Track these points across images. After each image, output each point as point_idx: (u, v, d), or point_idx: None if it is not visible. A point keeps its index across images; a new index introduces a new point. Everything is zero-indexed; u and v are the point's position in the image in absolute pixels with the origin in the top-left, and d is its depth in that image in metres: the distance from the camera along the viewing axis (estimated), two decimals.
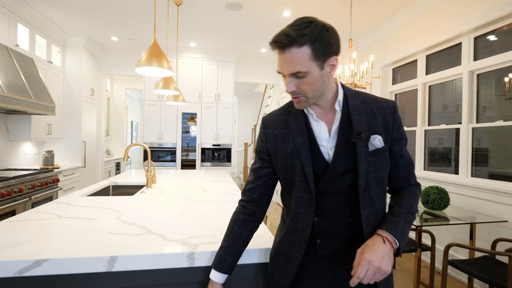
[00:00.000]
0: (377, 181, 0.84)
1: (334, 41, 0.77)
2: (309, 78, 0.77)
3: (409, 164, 0.90)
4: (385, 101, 0.89)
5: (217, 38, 4.43)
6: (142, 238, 1.16)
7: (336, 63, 0.80)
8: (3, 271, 0.92)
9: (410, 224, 0.83)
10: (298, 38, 0.73)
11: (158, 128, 4.88)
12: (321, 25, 0.75)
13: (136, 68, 1.73)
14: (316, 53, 0.75)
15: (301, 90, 0.80)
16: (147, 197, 1.97)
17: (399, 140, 0.87)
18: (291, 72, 0.78)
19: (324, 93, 0.84)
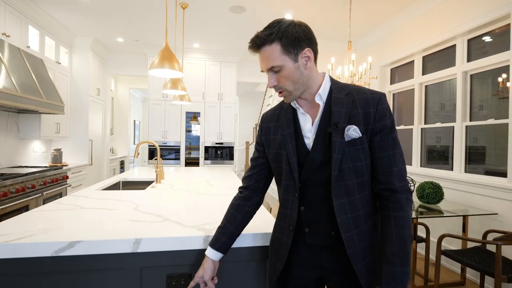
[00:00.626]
0: (354, 171, 0.86)
1: (304, 35, 0.85)
2: (285, 71, 0.86)
3: (391, 160, 0.86)
4: (372, 92, 0.89)
5: (220, 39, 4.56)
6: (161, 225, 1.28)
7: (310, 54, 0.87)
8: (42, 251, 1.05)
9: (407, 260, 0.80)
10: (266, 37, 0.85)
11: (163, 127, 5.00)
12: (287, 23, 0.86)
13: (149, 70, 1.86)
14: (285, 47, 0.84)
15: (281, 84, 0.88)
16: (158, 191, 2.09)
17: (381, 132, 0.86)
18: (267, 67, 0.88)
19: (308, 85, 0.90)
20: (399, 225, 0.83)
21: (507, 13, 2.34)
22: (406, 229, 0.82)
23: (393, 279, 0.79)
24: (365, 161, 0.88)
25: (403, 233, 0.82)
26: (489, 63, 2.58)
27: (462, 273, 2.49)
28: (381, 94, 0.89)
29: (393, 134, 0.87)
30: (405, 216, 0.84)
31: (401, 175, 0.86)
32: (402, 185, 0.86)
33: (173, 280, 1.15)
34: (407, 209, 0.84)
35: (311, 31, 0.89)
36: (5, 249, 1.03)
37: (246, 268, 1.21)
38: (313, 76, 0.90)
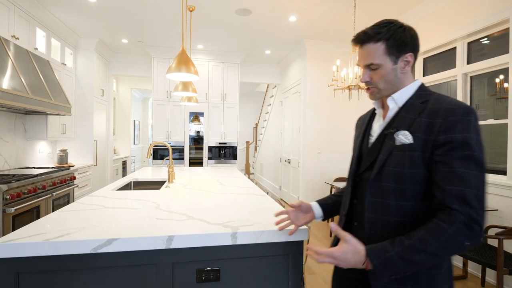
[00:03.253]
0: (394, 176, 0.85)
1: (410, 40, 0.88)
2: (382, 70, 0.89)
3: (453, 177, 0.75)
4: (451, 103, 0.82)
5: (224, 41, 4.62)
6: (188, 223, 1.35)
7: (411, 59, 0.90)
8: (82, 248, 1.11)
9: (408, 261, 0.74)
10: (374, 35, 0.88)
11: (167, 127, 5.05)
12: (398, 25, 0.89)
13: (167, 74, 1.92)
14: (389, 49, 0.88)
15: (373, 81, 0.92)
16: (173, 191, 2.16)
17: (444, 146, 0.78)
18: (366, 63, 0.91)
19: (397, 87, 0.92)
20: (433, 227, 0.74)
21: (506, 17, 2.44)
22: (434, 239, 0.73)
23: (381, 255, 0.76)
24: (409, 169, 0.83)
25: (429, 237, 0.73)
26: (488, 65, 2.69)
27: (464, 267, 2.59)
28: (459, 107, 0.80)
29: (466, 152, 0.76)
30: (446, 230, 0.72)
31: (463, 197, 0.73)
32: (458, 206, 0.73)
33: (203, 275, 1.22)
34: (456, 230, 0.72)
35: (418, 38, 0.91)
36: (47, 247, 1.09)
37: (269, 263, 1.29)
38: (405, 80, 0.92)
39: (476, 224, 0.71)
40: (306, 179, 4.71)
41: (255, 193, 2.10)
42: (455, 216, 0.73)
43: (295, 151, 5.15)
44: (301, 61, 4.87)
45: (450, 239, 0.72)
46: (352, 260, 0.78)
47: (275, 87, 6.69)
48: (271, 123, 7.02)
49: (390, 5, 3.33)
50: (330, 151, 4.77)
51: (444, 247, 0.73)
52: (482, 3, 2.67)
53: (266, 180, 7.49)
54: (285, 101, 5.85)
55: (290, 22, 3.84)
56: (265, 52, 5.18)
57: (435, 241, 0.72)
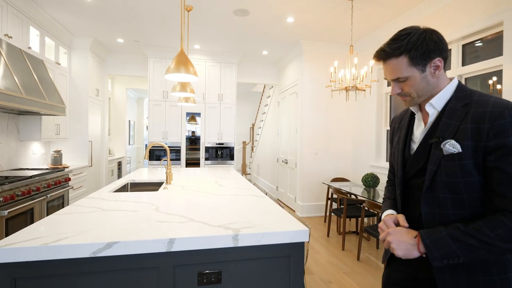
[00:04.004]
0: (448, 186, 0.84)
1: (434, 46, 0.85)
2: (411, 81, 0.88)
3: (510, 183, 0.75)
4: (496, 105, 0.79)
5: (221, 41, 4.60)
6: (188, 225, 1.34)
7: (440, 63, 0.87)
8: (81, 252, 1.09)
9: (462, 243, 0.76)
10: (394, 51, 0.87)
11: (163, 127, 5.01)
12: (418, 34, 0.86)
13: (166, 75, 1.90)
14: (413, 60, 0.86)
15: (405, 91, 0.91)
16: (172, 192, 2.14)
17: (497, 151, 0.77)
18: (392, 78, 0.91)
19: (431, 92, 0.90)
20: (490, 221, 0.76)
21: (500, 21, 2.47)
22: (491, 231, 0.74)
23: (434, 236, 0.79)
24: (463, 178, 0.81)
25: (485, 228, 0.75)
26: (483, 67, 2.72)
27: None
28: (506, 108, 0.78)
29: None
30: (506, 223, 0.73)
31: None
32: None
33: (204, 278, 1.21)
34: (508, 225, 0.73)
35: (443, 40, 0.88)
36: (45, 251, 1.07)
37: (271, 264, 1.28)
38: (439, 84, 0.90)
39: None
40: (303, 180, 4.72)
41: (254, 194, 2.10)
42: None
43: (292, 152, 5.16)
44: (298, 62, 4.88)
45: (508, 232, 0.73)
46: (405, 238, 0.84)
47: (272, 87, 6.69)
48: (268, 123, 7.02)
49: (387, 7, 3.36)
50: (327, 151, 4.79)
51: (500, 239, 0.73)
52: (477, 6, 2.70)
53: (262, 181, 7.49)
54: (282, 102, 5.85)
55: (287, 23, 3.84)
56: (262, 53, 5.18)
57: (491, 232, 0.74)
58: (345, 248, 3.31)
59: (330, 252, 3.21)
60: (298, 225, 1.36)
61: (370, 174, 3.47)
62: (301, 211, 4.72)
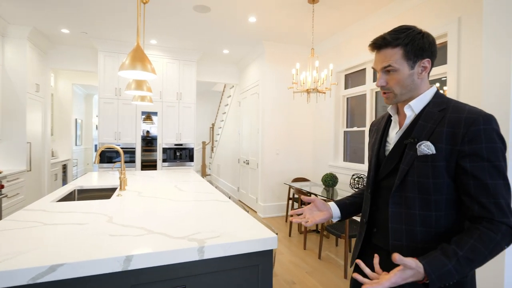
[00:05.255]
0: (418, 186, 0.86)
1: (429, 46, 0.89)
2: (398, 75, 0.90)
3: (488, 189, 0.77)
4: (471, 112, 0.82)
5: (180, 38, 4.40)
6: (147, 238, 1.22)
7: (428, 65, 0.90)
8: (16, 279, 0.93)
9: (462, 271, 0.74)
10: (393, 40, 0.89)
11: (115, 127, 4.65)
12: (416, 31, 0.89)
13: (119, 72, 1.73)
14: (407, 54, 0.88)
15: (389, 86, 0.93)
16: (127, 200, 1.97)
17: (471, 157, 0.79)
18: (383, 66, 0.91)
19: (412, 93, 0.93)
20: (483, 238, 0.75)
21: (444, 32, 2.71)
22: (487, 249, 0.74)
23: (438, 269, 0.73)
24: (434, 179, 0.84)
25: (481, 247, 0.74)
26: (431, 74, 2.96)
27: None
28: (480, 115, 0.81)
29: (494, 162, 0.78)
30: (495, 238, 0.75)
31: (503, 209, 0.76)
32: (506, 220, 0.76)
33: None
34: (501, 237, 0.75)
35: (435, 44, 0.91)
36: None
37: (238, 275, 1.22)
38: (422, 86, 0.93)
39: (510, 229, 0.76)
40: (265, 180, 4.73)
41: (218, 199, 2.02)
42: (497, 225, 0.76)
43: (254, 152, 5.15)
44: (260, 62, 4.88)
45: (496, 246, 0.75)
46: (413, 280, 0.76)
47: (233, 87, 6.62)
48: (229, 123, 6.93)
49: (346, 13, 3.49)
50: (288, 152, 4.86)
51: (491, 254, 0.75)
52: (425, 17, 2.93)
53: (223, 181, 7.38)
54: (243, 102, 5.81)
55: (249, 22, 3.80)
56: (223, 52, 5.08)
57: (486, 250, 0.75)
58: (306, 247, 3.38)
59: (292, 252, 3.25)
60: (266, 232, 1.32)
61: (329, 174, 3.58)
62: (263, 212, 4.72)
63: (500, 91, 1.78)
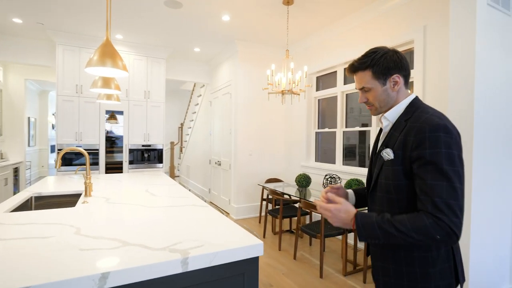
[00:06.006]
0: (384, 187, 1.01)
1: (394, 64, 1.01)
2: (374, 92, 1.04)
3: (427, 188, 0.87)
4: (424, 122, 0.92)
5: (149, 33, 4.19)
6: (124, 251, 1.12)
7: (398, 79, 1.02)
8: None
9: (384, 230, 0.89)
10: (360, 65, 1.04)
11: (76, 127, 4.31)
12: (381, 53, 1.02)
13: (86, 68, 1.58)
14: (376, 74, 1.02)
15: (370, 101, 1.07)
16: (94, 208, 1.81)
17: (417, 161, 0.91)
18: (359, 87, 1.08)
19: (391, 104, 1.06)
20: (413, 217, 0.87)
21: (411, 39, 2.86)
22: (411, 225, 0.86)
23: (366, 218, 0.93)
24: (394, 181, 0.98)
25: (407, 222, 0.87)
26: None
27: None
28: (428, 125, 0.90)
29: (437, 166, 0.87)
30: (423, 219, 0.85)
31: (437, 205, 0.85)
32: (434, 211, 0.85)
33: None
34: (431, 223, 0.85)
35: (403, 60, 1.02)
36: None
37: (223, 285, 1.17)
38: (398, 98, 1.05)
39: (445, 225, 0.84)
40: (238, 181, 4.68)
41: (195, 204, 1.93)
42: (429, 215, 0.86)
43: (226, 153, 5.07)
44: (232, 62, 4.81)
45: (423, 228, 0.85)
46: (343, 217, 0.97)
47: (204, 86, 6.47)
48: (199, 123, 6.77)
49: (319, 16, 3.55)
50: (261, 152, 4.85)
51: (415, 232, 0.86)
52: (393, 24, 3.08)
53: (193, 183, 7.19)
54: (214, 102, 5.70)
55: (223, 21, 3.72)
56: (194, 50, 4.93)
57: (410, 225, 0.87)
58: (281, 248, 3.39)
59: (267, 253, 3.24)
60: (251, 239, 1.27)
61: (302, 175, 3.63)
62: (236, 214, 4.67)
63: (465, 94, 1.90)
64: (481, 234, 1.91)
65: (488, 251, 1.97)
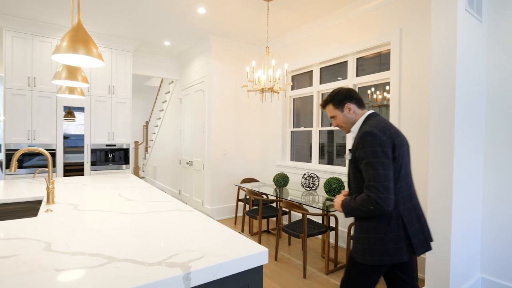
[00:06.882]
0: (354, 179, 1.47)
1: (344, 98, 1.53)
2: (338, 118, 1.57)
3: (364, 176, 1.36)
4: (360, 131, 1.41)
5: (114, 22, 3.85)
6: (111, 268, 0.95)
7: (350, 106, 1.52)
8: None
9: (352, 205, 1.40)
10: (326, 102, 1.60)
11: (29, 125, 3.83)
12: (336, 92, 1.57)
13: (54, 55, 1.36)
14: (335, 105, 1.56)
15: (339, 124, 1.58)
16: (62, 217, 1.57)
17: (359, 159, 1.39)
18: (329, 116, 1.62)
19: (353, 123, 1.54)
20: (361, 196, 1.37)
21: (388, 41, 2.95)
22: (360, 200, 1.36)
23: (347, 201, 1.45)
24: (353, 174, 1.47)
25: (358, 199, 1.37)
26: (374, 79, 3.20)
27: None
28: (361, 133, 1.39)
29: (367, 160, 1.34)
30: (364, 197, 1.34)
31: (368, 186, 1.34)
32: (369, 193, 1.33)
33: None
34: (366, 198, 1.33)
35: (351, 93, 1.54)
36: None
37: None
38: (356, 117, 1.54)
39: (372, 199, 1.30)
40: (211, 182, 4.51)
41: (180, 209, 1.77)
42: (366, 194, 1.34)
43: (199, 153, 4.86)
44: (205, 58, 4.62)
45: (363, 202, 1.34)
46: (339, 202, 1.50)
47: (172, 82, 6.16)
48: (167, 121, 6.44)
49: (293, 14, 3.53)
50: (236, 152, 4.73)
51: (361, 205, 1.35)
52: (370, 26, 3.15)
53: (160, 184, 6.84)
54: (185, 99, 5.45)
55: (198, 14, 3.54)
56: (164, 43, 4.65)
57: (359, 201, 1.36)
58: None
59: None
60: (254, 246, 1.17)
61: (281, 174, 3.59)
62: (210, 215, 4.50)
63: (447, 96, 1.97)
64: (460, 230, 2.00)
65: (463, 245, 2.08)
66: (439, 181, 1.99)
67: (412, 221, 1.37)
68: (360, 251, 1.39)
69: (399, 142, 1.35)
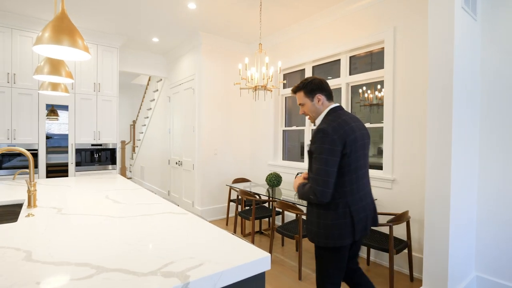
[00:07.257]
0: (310, 168, 1.56)
1: (316, 87, 1.61)
2: (307, 106, 1.64)
3: (313, 169, 1.49)
4: (318, 126, 1.53)
5: (100, 17, 3.69)
6: (101, 280, 0.86)
7: (320, 97, 1.60)
8: None
9: (302, 191, 1.55)
10: (298, 88, 1.66)
11: (8, 124, 3.62)
12: (309, 80, 1.63)
13: (35, 46, 1.24)
14: (306, 93, 1.63)
15: (306, 113, 1.67)
16: (44, 222, 1.45)
17: (314, 152, 1.50)
18: (298, 103, 1.68)
19: (319, 114, 1.62)
20: (307, 187, 1.52)
21: (381, 39, 2.93)
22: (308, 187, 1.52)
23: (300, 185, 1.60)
24: (310, 164, 1.56)
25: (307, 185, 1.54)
26: (367, 77, 3.18)
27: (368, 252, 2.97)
28: (316, 128, 1.51)
29: (317, 155, 1.47)
30: (309, 186, 1.50)
31: (312, 177, 1.50)
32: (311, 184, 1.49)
33: None
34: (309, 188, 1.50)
35: (323, 84, 1.62)
36: None
37: None
38: (323, 109, 1.62)
39: (312, 190, 1.48)
40: (202, 182, 4.41)
41: (172, 211, 1.68)
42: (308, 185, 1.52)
43: (189, 152, 4.75)
44: (195, 55, 4.51)
45: (308, 190, 1.51)
46: (297, 183, 1.63)
47: (161, 80, 6.00)
48: (156, 120, 6.28)
49: (284, 12, 3.47)
50: (226, 151, 4.64)
51: (307, 192, 1.51)
52: (365, 23, 3.13)
53: (148, 185, 6.67)
54: (174, 97, 5.31)
55: (188, 9, 3.43)
56: (152, 40, 4.51)
57: (307, 188, 1.52)
58: None
59: None
60: (255, 251, 1.10)
61: (274, 174, 3.53)
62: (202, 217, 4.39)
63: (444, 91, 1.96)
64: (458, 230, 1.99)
65: (460, 245, 2.07)
66: (437, 181, 1.98)
67: (359, 210, 1.52)
68: (314, 234, 1.55)
69: (351, 140, 1.47)
